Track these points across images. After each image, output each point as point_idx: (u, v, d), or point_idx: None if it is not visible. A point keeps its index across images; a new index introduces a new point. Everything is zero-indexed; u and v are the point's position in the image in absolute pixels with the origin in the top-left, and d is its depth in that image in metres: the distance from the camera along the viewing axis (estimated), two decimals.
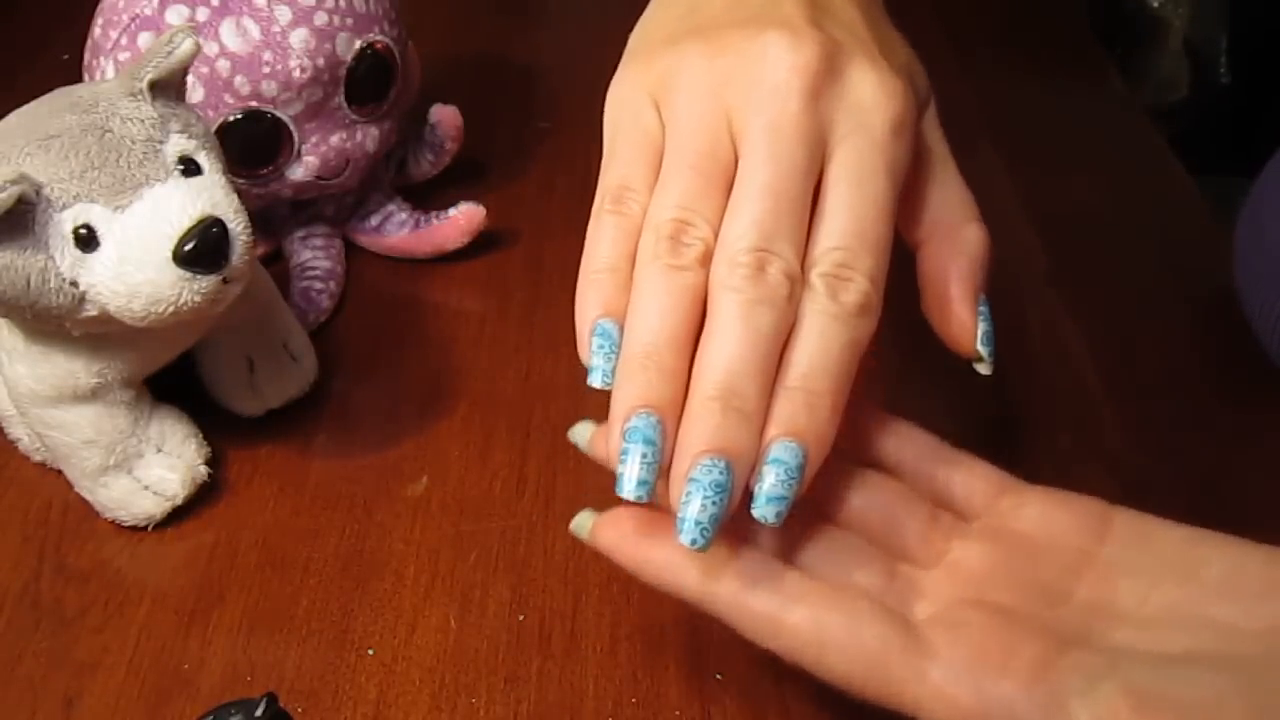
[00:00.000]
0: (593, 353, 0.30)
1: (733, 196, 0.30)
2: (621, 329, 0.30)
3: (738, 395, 0.28)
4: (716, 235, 0.29)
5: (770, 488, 0.28)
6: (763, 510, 0.28)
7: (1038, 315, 0.51)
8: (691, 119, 0.31)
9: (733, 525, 0.29)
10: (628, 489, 0.28)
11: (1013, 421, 0.33)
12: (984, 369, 0.33)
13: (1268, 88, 0.77)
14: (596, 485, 0.30)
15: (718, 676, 0.37)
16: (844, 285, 0.29)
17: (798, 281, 0.29)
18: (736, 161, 0.30)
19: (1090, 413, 0.47)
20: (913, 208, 0.34)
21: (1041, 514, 0.31)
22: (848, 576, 0.30)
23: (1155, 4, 0.77)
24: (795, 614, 0.28)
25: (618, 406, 0.28)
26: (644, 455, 0.28)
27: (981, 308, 0.33)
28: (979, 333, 0.33)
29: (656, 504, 0.29)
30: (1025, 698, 0.26)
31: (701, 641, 0.38)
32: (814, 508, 0.31)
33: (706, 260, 0.29)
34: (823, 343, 0.29)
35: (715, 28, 0.32)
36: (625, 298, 0.30)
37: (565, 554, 0.41)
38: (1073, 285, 0.52)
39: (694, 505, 0.27)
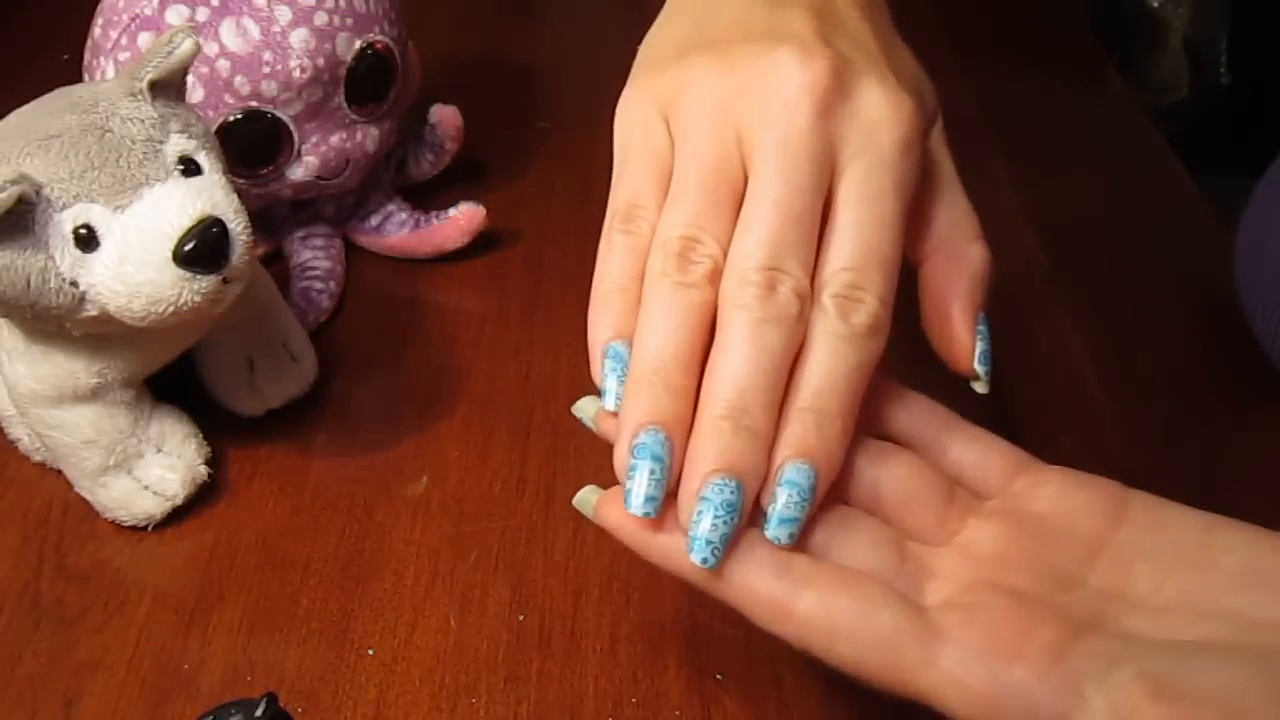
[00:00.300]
0: (605, 375, 0.30)
1: (742, 214, 0.30)
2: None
3: (747, 414, 0.28)
4: (725, 253, 0.29)
5: (783, 509, 0.28)
6: (775, 531, 0.28)
7: (1038, 315, 0.51)
8: (700, 135, 0.31)
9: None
10: (635, 505, 0.28)
11: (1013, 422, 0.33)
12: (980, 387, 0.33)
13: (1268, 88, 0.77)
14: (596, 485, 0.30)
15: (718, 676, 0.37)
16: (854, 306, 0.29)
17: (807, 300, 0.29)
18: (745, 179, 0.30)
19: (1090, 413, 0.47)
20: (918, 224, 0.34)
21: (1058, 495, 0.30)
22: (857, 558, 0.29)
23: (1155, 4, 0.78)
24: (805, 599, 0.27)
25: (625, 422, 0.29)
26: (652, 472, 0.28)
27: (981, 327, 0.33)
28: (977, 352, 0.33)
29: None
30: (1040, 684, 0.25)
31: (701, 641, 0.38)
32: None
33: (715, 278, 0.29)
34: (833, 363, 0.29)
35: (725, 42, 0.32)
36: (636, 318, 0.30)
37: (565, 554, 0.41)
38: (1073, 285, 0.53)
39: (705, 524, 0.27)
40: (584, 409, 0.32)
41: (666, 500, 0.28)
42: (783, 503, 0.28)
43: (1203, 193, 0.58)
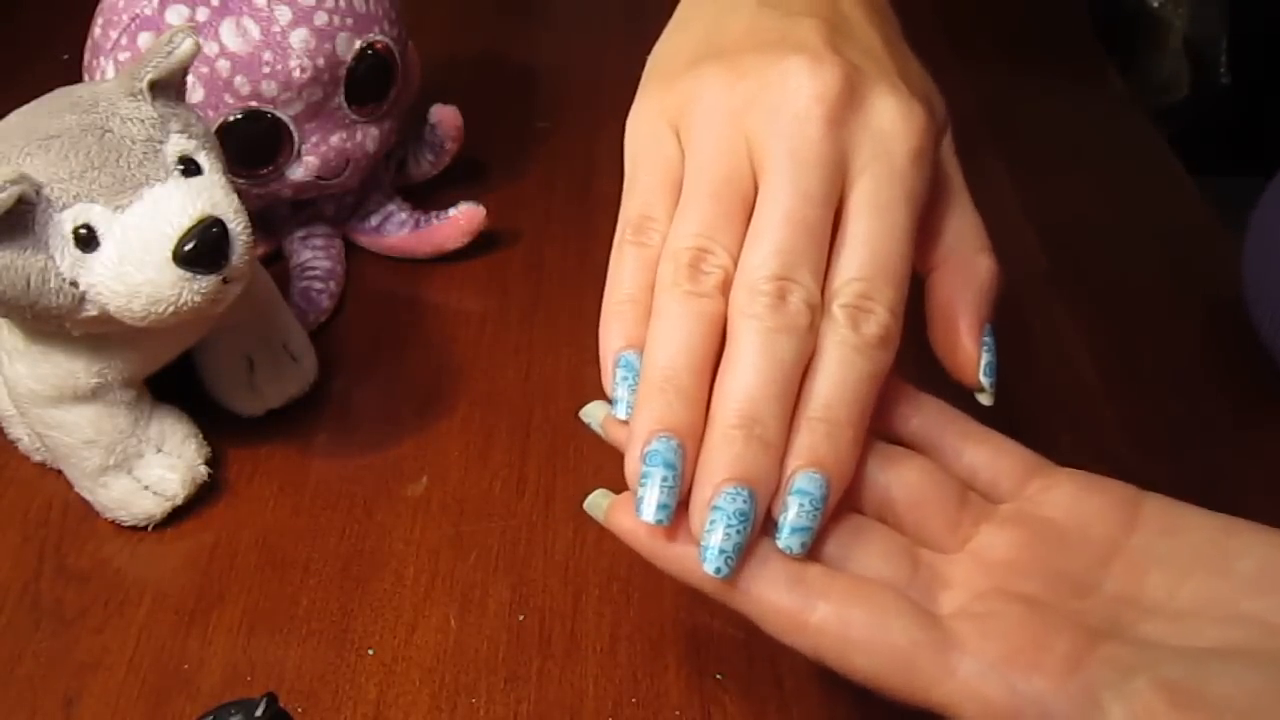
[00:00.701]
0: (616, 384, 0.30)
1: (753, 224, 0.30)
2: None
3: (759, 424, 0.28)
4: (735, 263, 0.30)
5: (794, 518, 0.28)
6: (787, 541, 0.28)
7: (1038, 315, 0.51)
8: (710, 145, 0.31)
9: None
10: (648, 513, 0.28)
11: (1013, 421, 0.33)
12: (985, 399, 0.33)
13: (1268, 88, 0.77)
14: (597, 485, 0.30)
15: (718, 676, 0.37)
16: (865, 317, 0.29)
17: (818, 310, 0.29)
18: (756, 188, 0.30)
19: (1090, 413, 0.47)
20: (926, 234, 0.34)
21: (1071, 499, 0.30)
22: (870, 568, 0.29)
23: (1155, 4, 0.77)
24: (819, 611, 0.27)
25: (637, 429, 0.28)
26: (664, 479, 0.28)
27: (986, 338, 0.33)
28: (982, 363, 0.33)
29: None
30: (1058, 693, 0.25)
31: (701, 641, 0.38)
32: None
33: (725, 288, 0.29)
34: (843, 373, 0.29)
35: (735, 52, 0.32)
36: (647, 328, 0.30)
37: (565, 554, 0.41)
38: (1073, 285, 0.53)
39: (718, 534, 0.27)
40: (592, 414, 0.32)
41: (678, 509, 0.28)
42: (794, 512, 0.28)
43: (1203, 193, 0.58)
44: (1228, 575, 0.28)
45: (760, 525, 0.28)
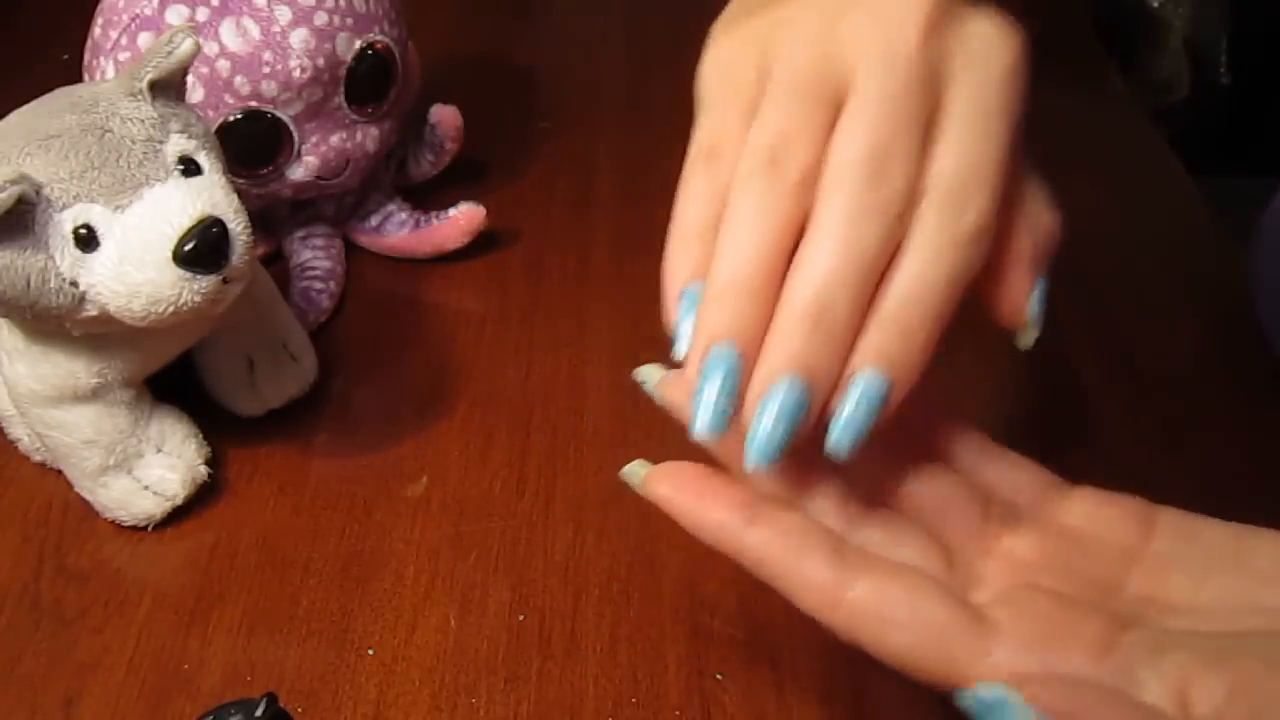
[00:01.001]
0: (680, 319, 0.29)
1: (843, 118, 0.28)
2: None
3: (829, 311, 0.27)
4: (818, 164, 0.28)
5: (849, 417, 0.27)
6: (838, 437, 0.27)
7: None
8: (800, 48, 0.29)
9: (793, 496, 0.28)
10: (704, 421, 0.27)
11: (1013, 422, 0.33)
12: (1026, 340, 0.32)
13: (1268, 88, 0.77)
14: (596, 485, 0.30)
15: (718, 676, 0.37)
16: (960, 211, 0.28)
17: (909, 203, 0.28)
18: (844, 98, 0.28)
19: (1090, 413, 0.47)
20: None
21: (1089, 511, 0.30)
22: (907, 560, 0.29)
23: (1155, 4, 0.78)
24: (857, 587, 0.27)
25: (702, 331, 0.27)
26: (723, 384, 0.27)
27: (1040, 281, 0.32)
28: (1031, 298, 0.32)
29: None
30: (1094, 671, 0.25)
31: (701, 641, 0.38)
32: (869, 492, 0.31)
33: (805, 187, 0.28)
34: (925, 270, 0.27)
35: None
36: None
37: (565, 554, 0.41)
38: (1073, 285, 0.52)
39: (766, 422, 0.26)
40: (647, 375, 0.31)
41: (720, 481, 0.27)
42: (849, 411, 0.27)
43: (1203, 193, 0.58)
44: (1245, 572, 0.28)
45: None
